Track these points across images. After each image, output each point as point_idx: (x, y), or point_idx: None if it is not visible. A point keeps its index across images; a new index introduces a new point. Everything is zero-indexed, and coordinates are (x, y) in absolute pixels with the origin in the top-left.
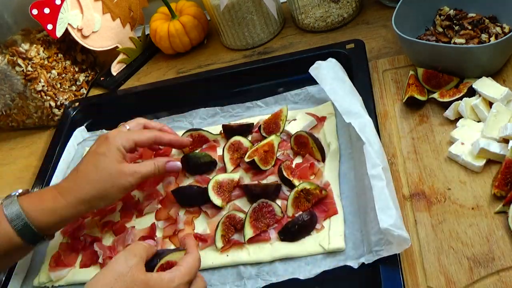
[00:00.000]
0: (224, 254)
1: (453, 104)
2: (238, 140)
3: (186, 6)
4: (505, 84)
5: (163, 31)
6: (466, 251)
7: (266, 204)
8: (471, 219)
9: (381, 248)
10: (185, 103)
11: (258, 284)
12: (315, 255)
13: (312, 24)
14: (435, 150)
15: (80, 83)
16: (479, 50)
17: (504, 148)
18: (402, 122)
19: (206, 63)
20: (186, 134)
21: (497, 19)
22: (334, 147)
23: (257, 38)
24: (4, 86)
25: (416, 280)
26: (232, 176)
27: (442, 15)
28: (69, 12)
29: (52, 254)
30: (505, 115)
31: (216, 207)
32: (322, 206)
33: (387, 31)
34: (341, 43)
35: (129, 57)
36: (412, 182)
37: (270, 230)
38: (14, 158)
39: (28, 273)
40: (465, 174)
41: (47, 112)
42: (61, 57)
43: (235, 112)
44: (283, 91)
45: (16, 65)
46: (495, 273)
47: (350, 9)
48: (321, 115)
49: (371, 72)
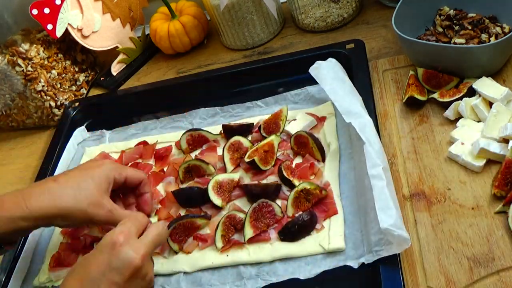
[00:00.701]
0: (224, 254)
1: (453, 104)
2: (238, 140)
3: (186, 6)
4: (505, 84)
5: (163, 31)
6: (466, 251)
7: (266, 204)
8: (471, 219)
9: (381, 248)
10: (185, 103)
11: (258, 284)
12: (315, 255)
13: (312, 24)
14: (435, 150)
15: (80, 83)
16: (479, 50)
17: (504, 148)
18: (402, 122)
19: (206, 63)
20: (186, 134)
21: (497, 19)
22: (334, 147)
23: (257, 38)
24: (4, 86)
25: (416, 280)
26: (232, 176)
27: (442, 15)
28: (69, 12)
29: (52, 254)
30: (505, 115)
31: (216, 207)
32: (322, 206)
33: (387, 31)
34: (341, 43)
35: (129, 57)
36: (412, 182)
37: (270, 230)
38: (14, 158)
39: (28, 273)
40: (465, 174)
41: (47, 112)
42: (61, 57)
43: (235, 112)
44: (283, 91)
45: (16, 65)
46: (495, 273)
47: (350, 9)
48: (321, 115)
49: (371, 72)
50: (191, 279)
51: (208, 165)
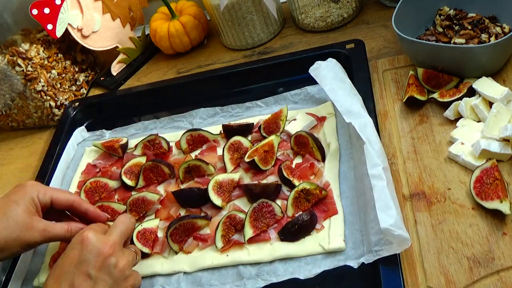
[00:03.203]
0: (224, 254)
1: (453, 104)
2: (238, 140)
3: (186, 6)
4: (505, 84)
5: (163, 31)
6: (466, 251)
7: (266, 204)
8: (471, 219)
9: (381, 248)
10: (185, 103)
11: (258, 284)
12: (315, 255)
13: (312, 24)
14: (435, 150)
15: (80, 83)
16: (479, 50)
17: (504, 147)
18: (402, 122)
19: (206, 63)
20: (186, 134)
21: (497, 19)
22: (334, 147)
23: (257, 38)
24: (4, 86)
25: (416, 280)
26: (232, 176)
27: (442, 15)
28: (69, 12)
29: (52, 254)
30: (505, 115)
31: (216, 207)
32: (322, 206)
33: (387, 31)
34: (341, 43)
35: (129, 57)
36: (412, 182)
37: (270, 230)
38: (14, 158)
39: (28, 273)
40: (465, 174)
41: (47, 112)
42: (61, 57)
43: (235, 112)
44: (283, 91)
45: (16, 65)
46: (495, 273)
47: (350, 9)
48: (321, 115)
49: (371, 72)
50: (191, 279)
51: (208, 165)
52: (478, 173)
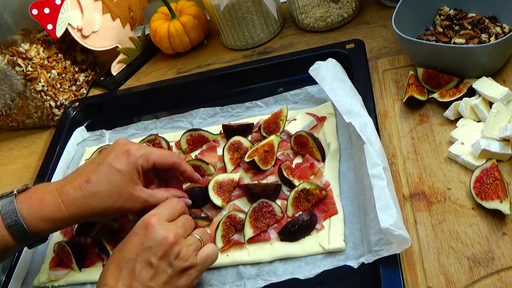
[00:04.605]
0: (224, 254)
1: (453, 104)
2: (238, 140)
3: (186, 6)
4: (505, 84)
5: (163, 31)
6: (466, 251)
7: (266, 204)
8: (471, 219)
9: (381, 248)
10: (185, 103)
11: (258, 284)
12: (315, 255)
13: (312, 24)
14: (435, 150)
15: (80, 83)
16: (479, 50)
17: (504, 146)
18: (402, 122)
19: (206, 63)
20: (186, 134)
21: (497, 19)
22: (334, 147)
23: (257, 38)
24: (4, 86)
25: (416, 280)
26: (232, 176)
27: (442, 15)
28: (69, 12)
29: (52, 255)
30: (505, 115)
31: (216, 207)
32: (322, 206)
33: (387, 31)
34: (341, 43)
35: (129, 57)
36: (412, 182)
37: (270, 230)
38: (14, 158)
39: (28, 273)
40: (465, 174)
41: (47, 112)
42: (61, 57)
43: (235, 112)
44: (283, 91)
45: (16, 65)
46: (495, 273)
47: (350, 9)
48: (321, 115)
49: (371, 72)
50: None
51: (208, 165)
52: (478, 173)
